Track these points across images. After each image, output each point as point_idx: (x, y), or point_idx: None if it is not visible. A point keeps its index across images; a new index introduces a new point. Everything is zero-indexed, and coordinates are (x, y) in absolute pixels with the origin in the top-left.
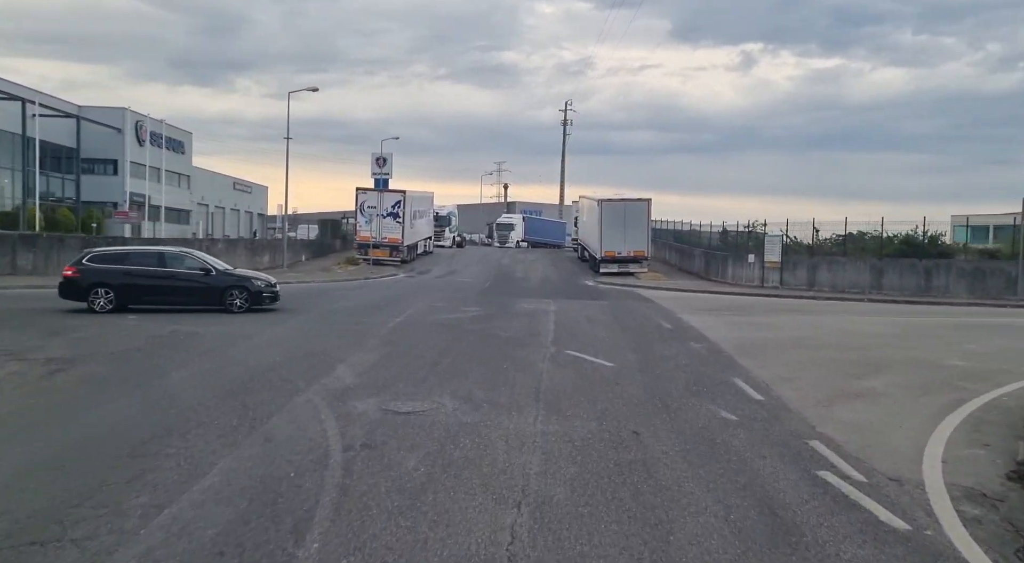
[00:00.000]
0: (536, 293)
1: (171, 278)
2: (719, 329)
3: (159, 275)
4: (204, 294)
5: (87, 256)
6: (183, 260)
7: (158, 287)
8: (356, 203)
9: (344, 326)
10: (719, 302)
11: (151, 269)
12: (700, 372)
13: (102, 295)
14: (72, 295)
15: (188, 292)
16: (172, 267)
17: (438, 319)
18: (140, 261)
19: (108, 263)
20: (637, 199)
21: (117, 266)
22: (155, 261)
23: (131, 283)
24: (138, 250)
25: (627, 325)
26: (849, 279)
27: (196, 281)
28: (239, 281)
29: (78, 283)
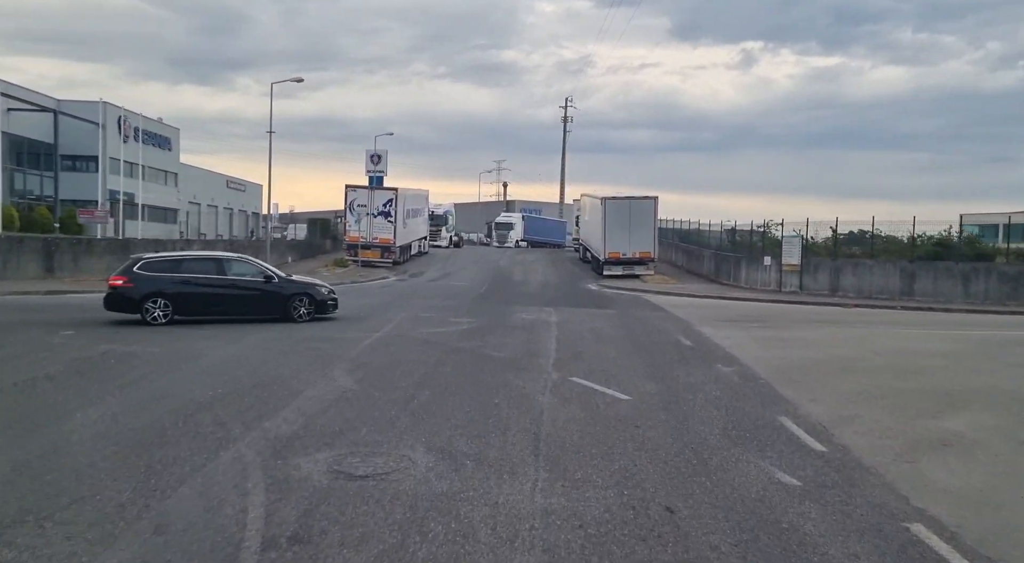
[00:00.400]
0: (536, 300)
1: (231, 286)
2: (747, 346)
3: (219, 284)
4: (267, 303)
5: (137, 264)
6: (243, 267)
7: (218, 296)
8: (345, 201)
9: (312, 344)
10: (738, 310)
11: (210, 277)
12: (737, 408)
13: (159, 306)
14: (122, 307)
15: (250, 301)
16: (232, 274)
17: (423, 334)
18: (197, 268)
19: (162, 271)
20: (643, 197)
21: (172, 274)
22: (213, 268)
23: (189, 292)
24: (194, 256)
25: (640, 341)
26: (876, 284)
27: (258, 289)
28: (304, 289)
29: (129, 294)
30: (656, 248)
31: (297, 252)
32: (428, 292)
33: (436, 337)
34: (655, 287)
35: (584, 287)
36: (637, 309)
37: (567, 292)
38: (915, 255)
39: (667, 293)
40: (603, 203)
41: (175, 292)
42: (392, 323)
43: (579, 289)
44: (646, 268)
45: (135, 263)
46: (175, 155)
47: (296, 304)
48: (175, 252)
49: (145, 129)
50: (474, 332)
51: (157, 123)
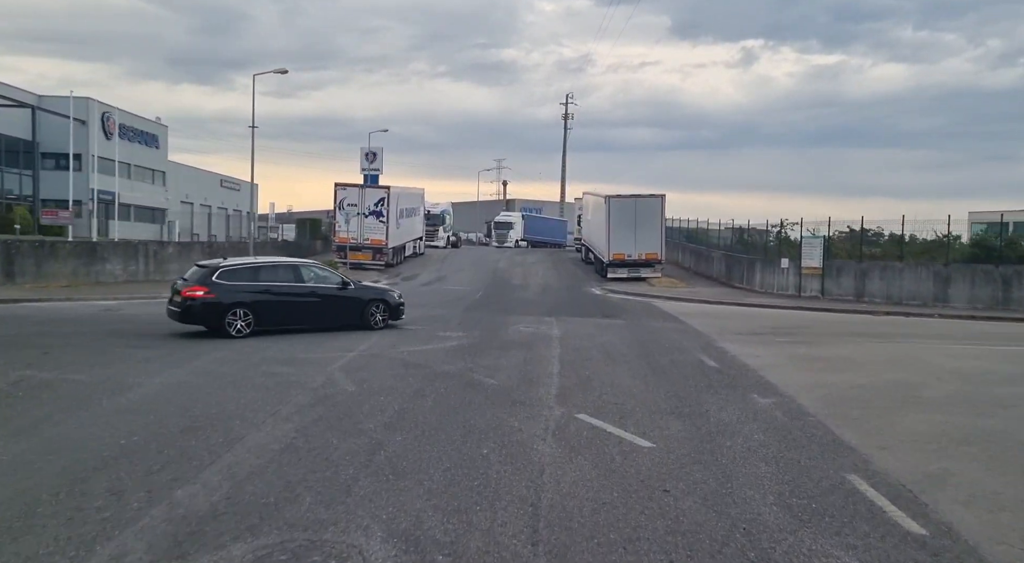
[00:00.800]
0: (536, 307)
1: (310, 294)
2: (781, 368)
3: (298, 292)
4: (344, 310)
5: (215, 272)
6: (319, 273)
7: (298, 305)
8: (335, 201)
9: (271, 367)
10: (759, 320)
11: (289, 285)
12: (791, 461)
13: (240, 317)
14: (203, 319)
15: (328, 309)
16: (309, 282)
17: (405, 354)
18: (275, 276)
19: (242, 280)
20: (649, 195)
21: (252, 282)
22: (291, 275)
23: (270, 301)
24: (270, 262)
25: (656, 362)
26: (907, 288)
27: (335, 296)
28: (380, 294)
29: (212, 304)
30: (664, 249)
31: (284, 253)
32: (419, 299)
33: (419, 357)
34: (664, 292)
35: (587, 292)
36: (648, 319)
37: (569, 298)
38: (950, 257)
39: (677, 299)
40: (607, 202)
41: (255, 301)
42: (370, 340)
43: (582, 294)
44: (653, 270)
45: (212, 271)
46: (163, 153)
47: (373, 310)
48: (249, 258)
49: (131, 126)
50: (464, 351)
51: (143, 120)
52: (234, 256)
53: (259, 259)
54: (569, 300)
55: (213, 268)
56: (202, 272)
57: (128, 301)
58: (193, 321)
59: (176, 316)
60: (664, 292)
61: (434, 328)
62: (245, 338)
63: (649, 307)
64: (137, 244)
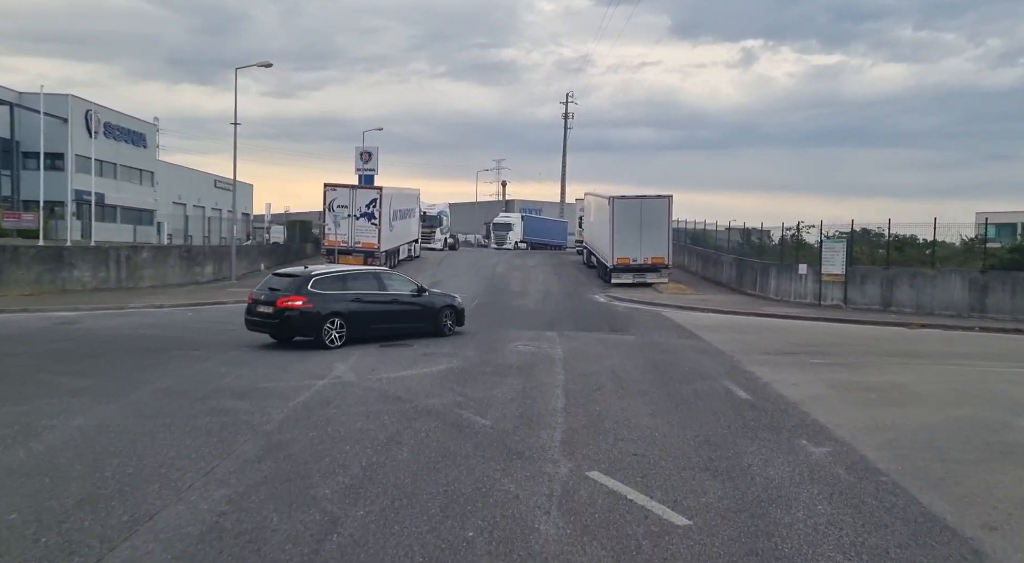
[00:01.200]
0: (536, 318)
1: (394, 302)
2: (828, 401)
3: (383, 299)
4: (421, 317)
5: (310, 281)
6: (398, 281)
7: (384, 313)
8: (324, 202)
9: (223, 401)
10: (785, 334)
11: (375, 293)
12: (877, 552)
13: (336, 327)
14: (301, 329)
15: (408, 316)
16: (391, 289)
17: (383, 382)
18: (362, 285)
19: (334, 289)
20: (656, 195)
21: (343, 292)
22: (375, 284)
23: (360, 310)
24: (355, 271)
25: (678, 392)
26: (939, 297)
27: (413, 303)
28: (448, 300)
29: (310, 314)
30: (671, 253)
31: (272, 258)
32: None
33: (400, 387)
34: (673, 299)
35: (591, 299)
36: (660, 333)
37: (572, 307)
38: (988, 264)
39: (688, 308)
40: (611, 203)
41: (348, 311)
42: (348, 361)
43: (585, 302)
44: (659, 275)
45: (307, 280)
46: (150, 152)
47: (444, 317)
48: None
49: (117, 124)
50: (453, 377)
51: (130, 118)
52: (215, 260)
53: (343, 267)
54: (571, 309)
55: (306, 277)
56: (295, 281)
57: (91, 312)
58: (290, 332)
59: (269, 328)
60: (672, 300)
61: (420, 346)
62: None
63: (659, 318)
64: (108, 249)
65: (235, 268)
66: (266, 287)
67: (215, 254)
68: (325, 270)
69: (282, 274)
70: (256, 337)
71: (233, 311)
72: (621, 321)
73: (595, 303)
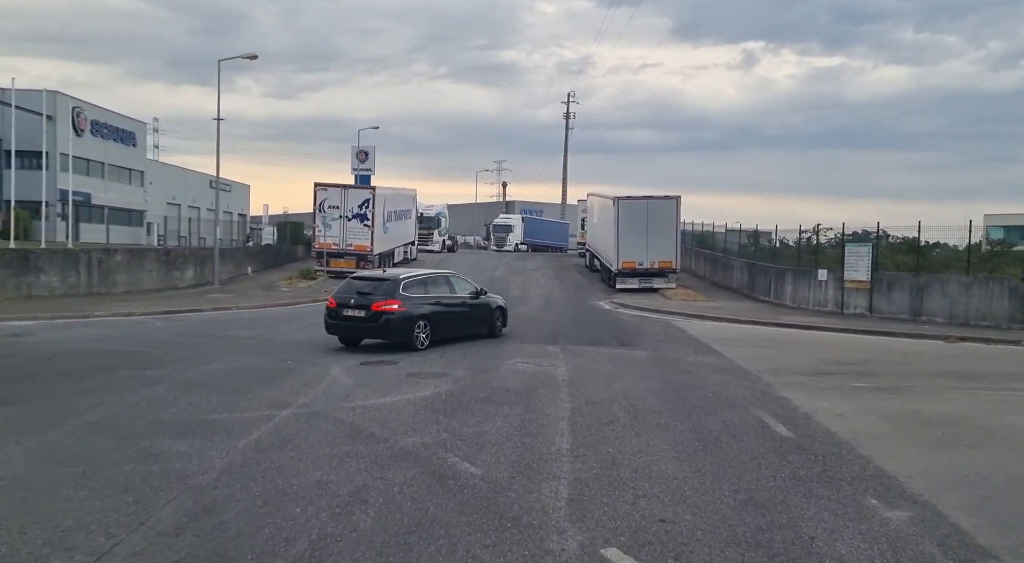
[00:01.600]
0: (537, 329)
1: (462, 305)
2: (887, 440)
3: (454, 302)
4: (480, 319)
5: (401, 284)
6: (463, 283)
7: (455, 315)
8: (314, 202)
9: (158, 440)
10: (813, 349)
11: (448, 296)
12: None
13: (423, 329)
14: (397, 332)
15: (472, 319)
16: (459, 292)
17: (357, 411)
18: (438, 288)
19: (418, 292)
20: (663, 196)
21: (425, 295)
22: (447, 287)
23: (439, 313)
24: (431, 274)
25: (704, 427)
26: (974, 307)
27: (474, 305)
28: (499, 301)
29: (405, 317)
30: (679, 257)
31: (261, 261)
32: None
33: (376, 419)
34: (682, 306)
35: (595, 306)
36: (674, 347)
37: (575, 315)
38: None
39: (700, 316)
40: (616, 204)
41: (431, 313)
42: (320, 385)
43: (589, 310)
44: (666, 281)
45: (398, 284)
46: (140, 151)
47: (496, 318)
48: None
49: (105, 122)
50: (440, 405)
51: (119, 116)
52: (196, 264)
53: (420, 271)
54: (575, 318)
55: (396, 281)
56: (387, 285)
57: (50, 322)
58: (387, 335)
59: (362, 331)
60: (683, 307)
61: (407, 364)
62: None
63: (670, 329)
64: (78, 252)
65: (218, 272)
66: (352, 291)
67: (196, 257)
68: (409, 273)
69: (365, 278)
70: (222, 354)
71: (210, 320)
72: (629, 332)
73: (600, 311)
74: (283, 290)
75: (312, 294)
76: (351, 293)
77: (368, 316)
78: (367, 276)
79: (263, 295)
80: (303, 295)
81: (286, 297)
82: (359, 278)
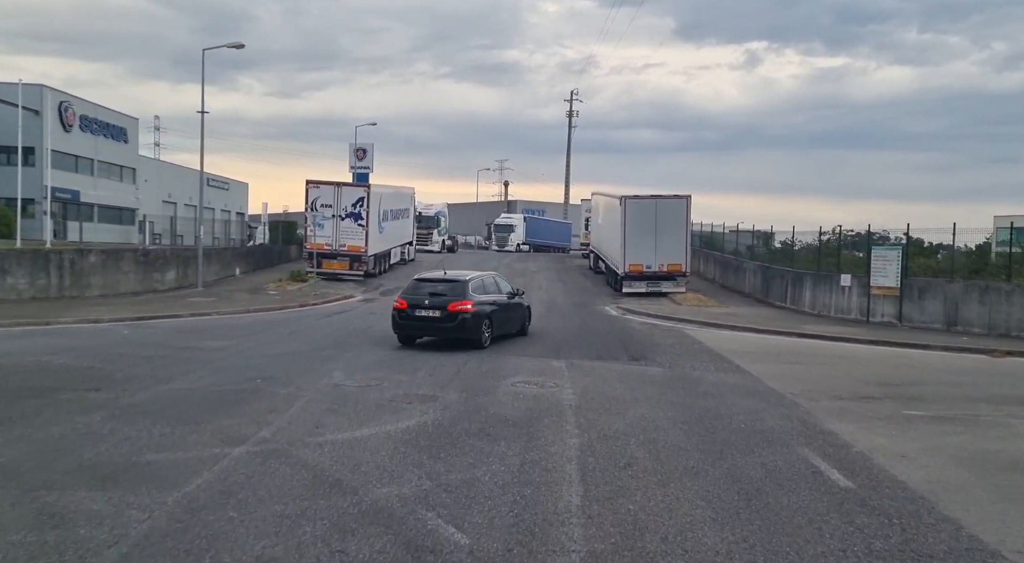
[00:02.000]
0: (539, 339)
1: (507, 305)
2: (973, 493)
3: (504, 302)
4: (516, 319)
5: (470, 286)
6: (505, 284)
7: (504, 315)
8: (306, 201)
9: (66, 496)
10: (849, 365)
11: (499, 296)
12: None
13: (486, 327)
14: (471, 331)
15: (512, 317)
16: (503, 292)
17: (325, 447)
18: (492, 288)
19: (480, 293)
20: (672, 195)
21: (484, 295)
22: (496, 287)
23: (496, 312)
24: (484, 276)
25: (742, 472)
26: (1016, 316)
27: (515, 305)
28: (527, 301)
29: (477, 316)
30: (689, 260)
31: (250, 262)
32: (389, 324)
33: (345, 459)
34: (694, 313)
35: (601, 312)
36: (692, 362)
37: (580, 323)
38: None
39: (715, 324)
40: (622, 203)
41: (491, 312)
42: (288, 411)
43: (595, 316)
44: (675, 285)
45: (466, 285)
46: (132, 147)
47: (526, 317)
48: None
49: (94, 117)
50: (424, 440)
51: (110, 112)
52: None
53: (476, 273)
54: (580, 326)
55: (464, 282)
56: (458, 286)
57: (8, 330)
58: (462, 333)
59: (438, 331)
60: (694, 313)
61: (392, 383)
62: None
63: (684, 339)
64: (49, 253)
65: (202, 274)
66: (423, 293)
67: (179, 258)
68: (472, 275)
69: (431, 280)
70: (185, 370)
71: (183, 328)
72: (640, 344)
73: (606, 317)
74: (270, 293)
75: (301, 298)
76: (422, 294)
77: (444, 316)
78: (433, 278)
79: (248, 299)
80: (291, 299)
81: (273, 301)
82: (424, 280)
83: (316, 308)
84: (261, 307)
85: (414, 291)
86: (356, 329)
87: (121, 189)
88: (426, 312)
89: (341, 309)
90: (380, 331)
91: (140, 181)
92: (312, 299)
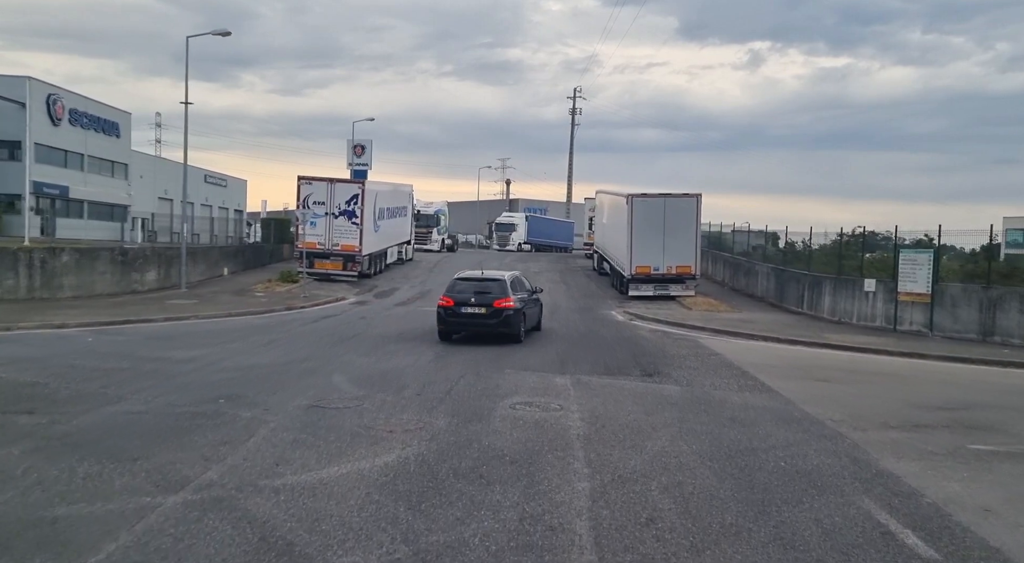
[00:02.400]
0: (541, 350)
1: (531, 302)
2: None
3: (529, 300)
4: (535, 315)
5: (508, 283)
6: (527, 282)
7: (530, 311)
8: (298, 198)
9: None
10: (890, 382)
11: (526, 294)
12: None
13: (523, 323)
14: (513, 326)
15: (535, 315)
16: (527, 289)
17: (281, 494)
18: (520, 286)
19: (517, 291)
20: (682, 194)
21: (517, 293)
22: (521, 285)
23: (526, 309)
24: (515, 276)
25: (792, 529)
26: None
27: (535, 301)
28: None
29: (518, 312)
30: (699, 262)
31: (240, 261)
32: (379, 330)
33: (302, 511)
34: (707, 319)
35: (607, 317)
36: (712, 379)
37: (586, 330)
38: None
39: (730, 332)
40: (629, 202)
41: (524, 309)
42: (246, 443)
43: (601, 322)
44: (684, 287)
45: (506, 284)
46: (124, 142)
47: (541, 315)
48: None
49: (85, 111)
50: (401, 483)
51: (101, 105)
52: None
53: (507, 273)
54: (586, 334)
55: (503, 281)
56: (500, 285)
57: None
58: (506, 328)
59: (484, 327)
60: (707, 319)
61: (374, 404)
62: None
63: (699, 350)
64: (17, 251)
65: (185, 274)
66: (468, 291)
67: (161, 257)
68: (508, 275)
69: (472, 279)
70: (142, 386)
71: (155, 334)
72: (652, 355)
73: (613, 324)
74: (257, 295)
75: (288, 300)
76: (467, 293)
77: (490, 312)
78: (473, 277)
79: (232, 301)
80: (278, 301)
81: (258, 304)
82: (465, 279)
83: (303, 312)
84: (244, 310)
85: (459, 290)
86: (343, 336)
87: (113, 185)
88: (473, 309)
89: (330, 313)
90: (369, 339)
91: (134, 177)
92: (300, 302)
